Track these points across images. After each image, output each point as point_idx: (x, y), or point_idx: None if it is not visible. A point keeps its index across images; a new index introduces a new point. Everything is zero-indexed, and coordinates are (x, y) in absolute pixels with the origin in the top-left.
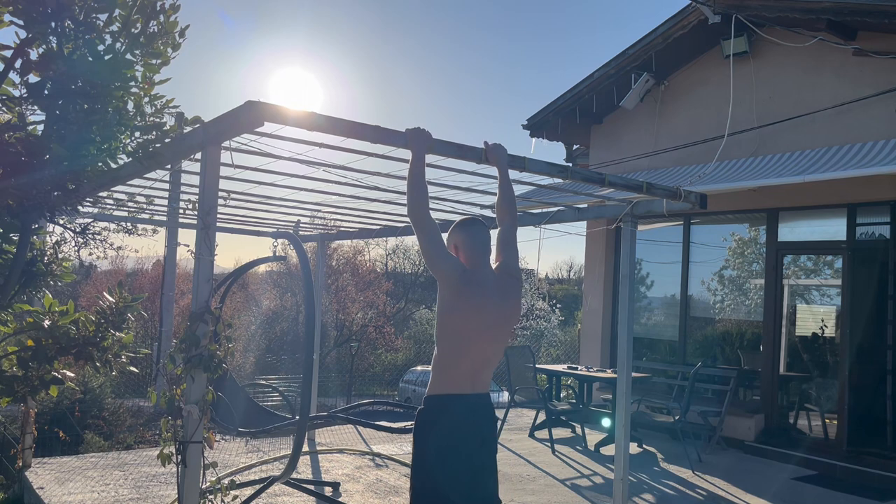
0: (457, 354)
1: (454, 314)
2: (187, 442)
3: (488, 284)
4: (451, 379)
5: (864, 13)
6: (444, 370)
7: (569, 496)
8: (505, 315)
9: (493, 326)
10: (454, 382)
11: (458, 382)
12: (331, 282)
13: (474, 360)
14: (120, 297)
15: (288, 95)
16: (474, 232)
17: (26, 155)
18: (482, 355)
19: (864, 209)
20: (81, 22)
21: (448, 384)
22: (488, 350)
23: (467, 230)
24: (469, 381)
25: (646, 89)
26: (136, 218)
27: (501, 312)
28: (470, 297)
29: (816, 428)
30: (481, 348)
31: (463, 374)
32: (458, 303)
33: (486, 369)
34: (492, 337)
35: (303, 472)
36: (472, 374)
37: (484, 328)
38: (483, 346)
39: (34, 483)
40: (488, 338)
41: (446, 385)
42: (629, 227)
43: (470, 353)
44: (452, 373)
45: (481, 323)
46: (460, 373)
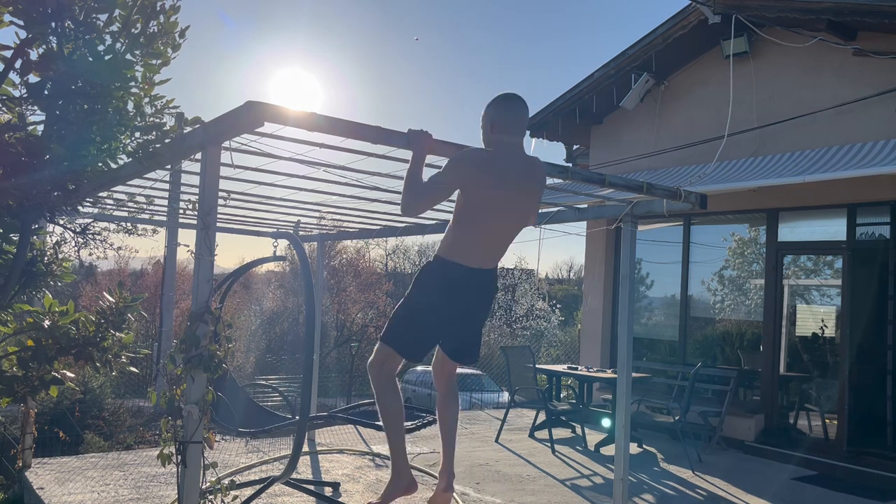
0: (470, 232)
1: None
2: (187, 442)
3: (512, 171)
4: (463, 251)
5: (864, 13)
6: (457, 241)
7: (569, 496)
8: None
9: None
10: (465, 254)
11: (468, 255)
12: (332, 282)
13: (486, 240)
14: (120, 298)
15: (288, 96)
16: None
17: (26, 155)
18: (494, 237)
19: (864, 209)
20: (81, 22)
21: (459, 254)
22: (501, 233)
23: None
24: (479, 257)
25: (646, 89)
26: (137, 218)
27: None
28: (490, 182)
29: (816, 428)
30: (495, 230)
31: (474, 251)
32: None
33: (498, 249)
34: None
35: (303, 473)
36: (484, 251)
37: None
38: (496, 229)
39: (34, 483)
40: (503, 221)
41: (457, 254)
42: (629, 227)
43: (483, 233)
44: (465, 247)
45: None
46: (472, 249)
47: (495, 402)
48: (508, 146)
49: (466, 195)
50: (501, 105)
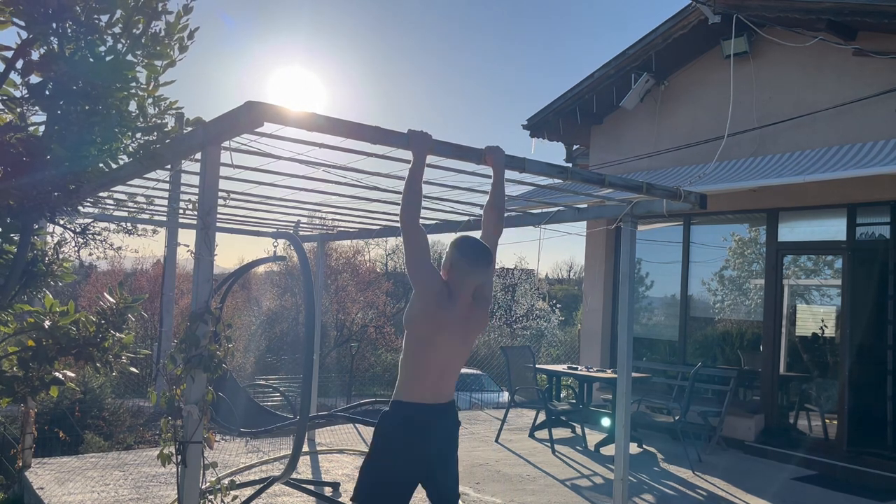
0: (422, 362)
1: (423, 324)
2: (187, 442)
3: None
4: (416, 387)
5: (864, 13)
6: (410, 377)
7: (569, 496)
8: (470, 329)
9: (458, 339)
10: (418, 391)
11: (422, 391)
12: (331, 282)
13: (438, 369)
14: (120, 298)
15: (288, 95)
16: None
17: (27, 155)
18: (446, 365)
19: (865, 209)
20: (83, 23)
21: (413, 392)
22: (452, 361)
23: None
24: (432, 391)
25: (646, 89)
26: (137, 218)
27: (467, 327)
28: (441, 314)
29: (816, 428)
30: (445, 359)
31: (427, 383)
32: (428, 315)
33: (449, 378)
34: (456, 347)
35: (303, 472)
36: (436, 383)
37: (450, 340)
38: (447, 357)
39: (34, 483)
40: (453, 349)
41: (411, 393)
42: (629, 227)
43: (434, 362)
44: (417, 381)
45: (447, 337)
46: (425, 381)
47: (495, 402)
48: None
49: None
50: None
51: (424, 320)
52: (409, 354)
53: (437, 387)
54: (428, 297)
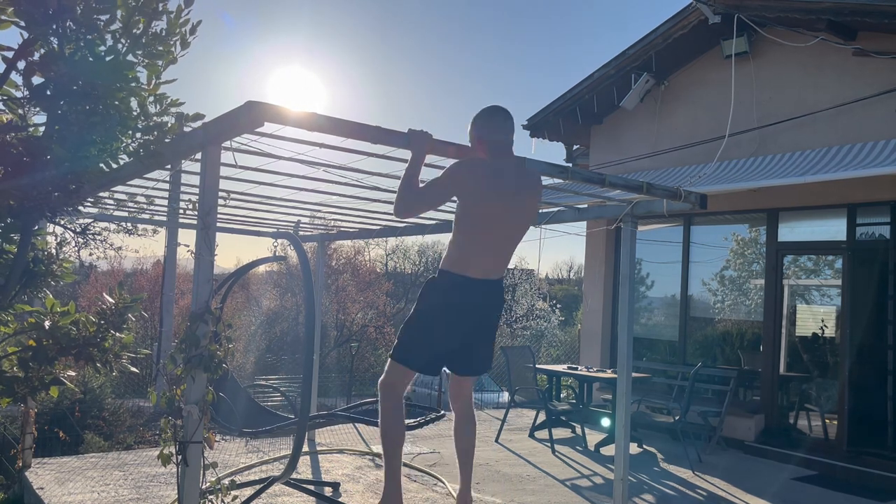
0: (473, 243)
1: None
2: (187, 442)
3: (507, 179)
4: (467, 262)
5: (865, 13)
6: (461, 253)
7: (569, 496)
8: (522, 209)
9: (510, 219)
10: (469, 266)
11: (472, 267)
12: (331, 282)
13: (490, 250)
14: (120, 298)
15: (289, 95)
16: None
17: (27, 155)
18: (498, 246)
19: (865, 209)
20: (83, 23)
21: (463, 266)
22: (504, 242)
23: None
24: (482, 268)
25: (646, 89)
26: (137, 218)
27: (519, 206)
28: (488, 194)
29: (816, 428)
30: (497, 239)
31: (478, 261)
32: (477, 201)
33: (501, 258)
34: (508, 228)
35: (303, 473)
36: (487, 261)
37: (501, 221)
38: (499, 238)
39: (34, 483)
40: (505, 230)
41: (461, 266)
42: (629, 227)
43: (486, 243)
44: (468, 258)
45: (499, 217)
46: (476, 259)
47: (495, 402)
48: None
49: (465, 206)
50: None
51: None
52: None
53: (487, 264)
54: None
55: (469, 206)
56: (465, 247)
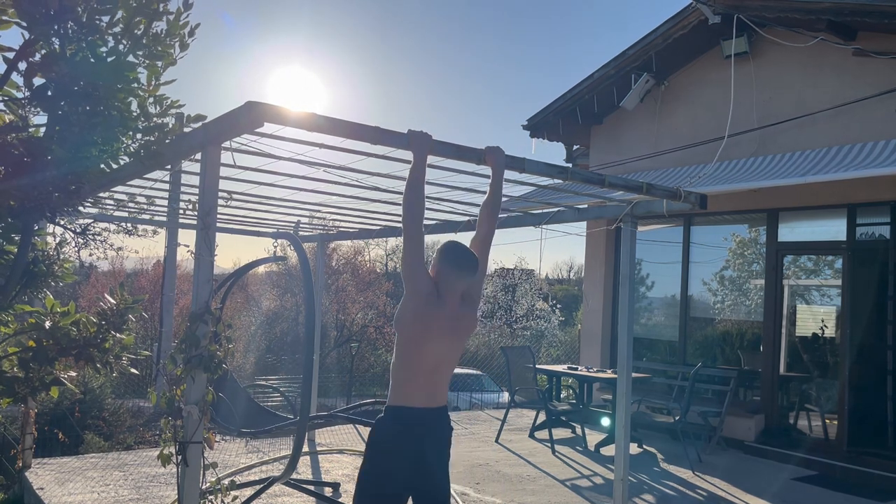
0: (413, 364)
1: (413, 324)
2: (187, 442)
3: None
4: (408, 390)
5: (864, 13)
6: (402, 380)
7: (569, 496)
8: (460, 332)
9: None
10: (411, 394)
11: (414, 394)
12: (331, 282)
13: (430, 370)
14: (121, 299)
15: (289, 95)
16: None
17: (28, 156)
18: (438, 367)
19: (865, 209)
20: (84, 24)
21: (405, 396)
22: (443, 362)
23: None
24: (424, 394)
25: (646, 89)
26: (137, 218)
27: (457, 329)
28: (431, 313)
29: (816, 428)
30: (437, 360)
31: (419, 385)
32: (418, 315)
33: (441, 382)
34: (446, 351)
35: (303, 473)
36: (428, 385)
37: (440, 342)
38: (438, 358)
39: (34, 483)
40: (443, 350)
41: (403, 396)
42: (629, 227)
43: (426, 363)
44: (409, 383)
45: (438, 337)
46: (417, 384)
47: (495, 403)
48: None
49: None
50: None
51: (414, 320)
52: (401, 357)
53: (430, 389)
54: (418, 297)
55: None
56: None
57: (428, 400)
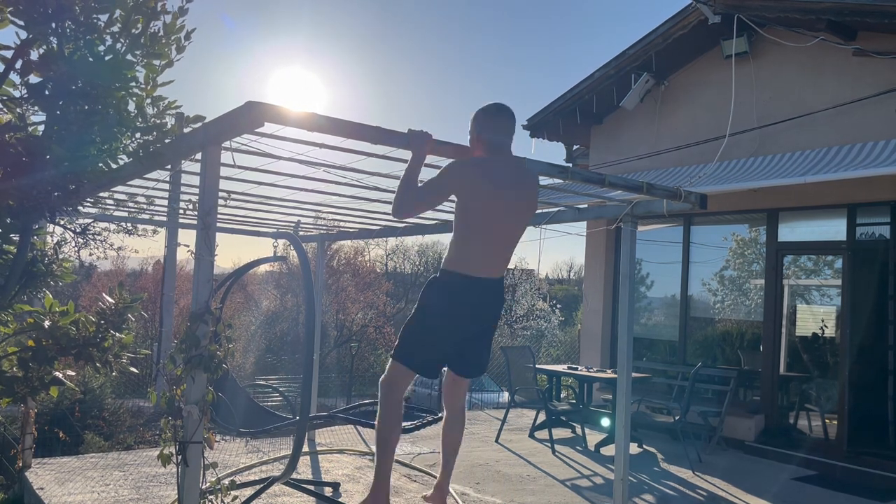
0: (473, 242)
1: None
2: (187, 442)
3: (505, 177)
4: (468, 261)
5: (865, 13)
6: (461, 251)
7: (569, 496)
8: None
9: (508, 217)
10: (470, 265)
11: (473, 265)
12: (331, 282)
13: (490, 248)
14: (120, 298)
15: (289, 95)
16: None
17: (27, 155)
18: (498, 244)
19: (865, 209)
20: (82, 22)
21: (464, 265)
22: (504, 240)
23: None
24: (483, 267)
25: (646, 89)
26: (137, 218)
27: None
28: (486, 193)
29: (817, 428)
30: (497, 238)
31: (478, 260)
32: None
33: (501, 256)
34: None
35: (303, 473)
36: (487, 260)
37: (500, 219)
38: (498, 236)
39: (34, 483)
40: (503, 228)
41: (462, 264)
42: (629, 227)
43: (486, 242)
44: (469, 256)
45: (497, 215)
46: (476, 258)
47: (495, 402)
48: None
49: (464, 203)
50: (490, 115)
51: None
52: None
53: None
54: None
55: (467, 204)
56: (465, 245)
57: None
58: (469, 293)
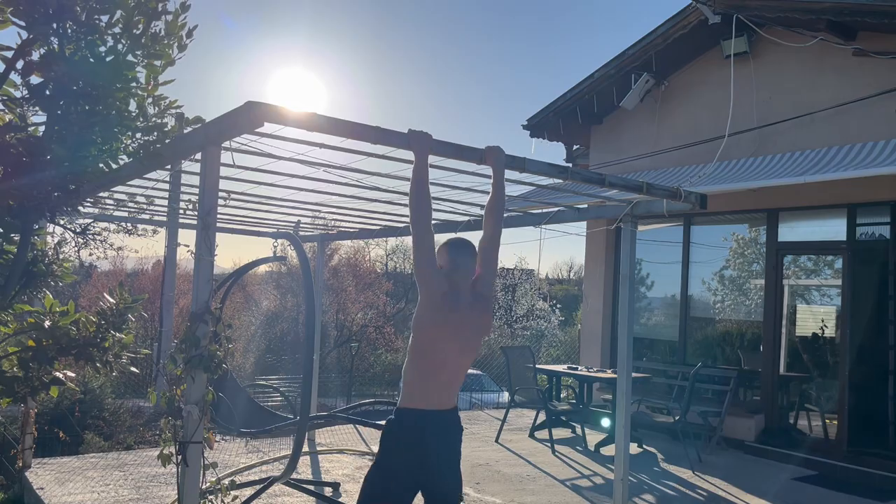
0: (428, 368)
1: (430, 329)
2: (187, 442)
3: (464, 305)
4: (422, 393)
5: (864, 13)
6: (415, 384)
7: (569, 496)
8: (475, 333)
9: (464, 344)
10: (423, 397)
11: (426, 397)
12: (331, 282)
13: (444, 374)
14: (120, 298)
15: (289, 95)
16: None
17: (27, 155)
18: (452, 371)
19: (864, 209)
20: (83, 23)
21: (417, 399)
22: (457, 366)
23: (456, 255)
24: (437, 397)
25: (646, 89)
26: (137, 218)
27: (473, 331)
28: (447, 315)
29: (817, 428)
30: (451, 364)
31: (432, 389)
32: (435, 318)
33: (454, 384)
34: (461, 354)
35: (303, 473)
36: (441, 389)
37: (455, 345)
38: (453, 362)
39: (34, 483)
40: (458, 354)
41: (415, 399)
42: (629, 227)
43: (440, 367)
44: (423, 387)
45: (454, 341)
46: (430, 387)
47: (495, 402)
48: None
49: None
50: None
51: (432, 323)
52: (414, 359)
53: (442, 393)
54: (434, 297)
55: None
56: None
57: (440, 402)
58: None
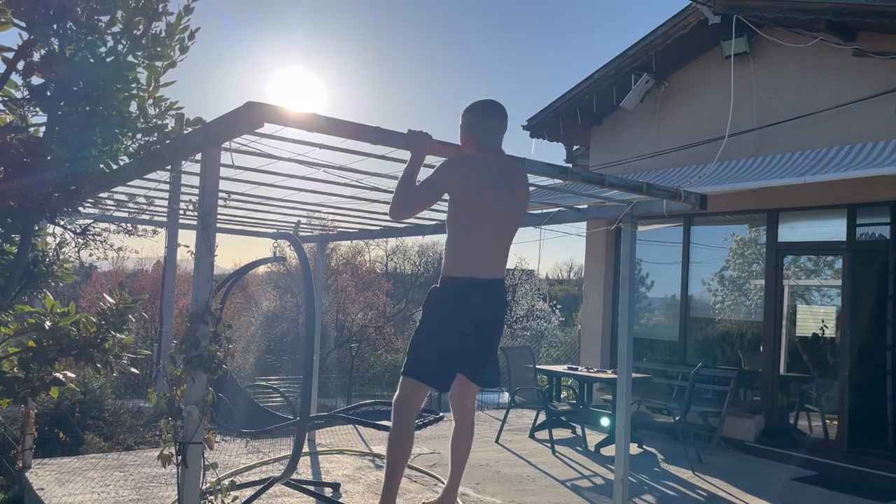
0: (469, 242)
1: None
2: (187, 443)
3: (497, 175)
4: (466, 262)
5: (864, 14)
6: (459, 253)
7: (569, 497)
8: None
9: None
10: (469, 266)
11: (472, 266)
12: (330, 282)
13: (488, 246)
14: (121, 299)
15: (289, 96)
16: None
17: (28, 156)
18: (493, 242)
19: (865, 210)
20: (83, 24)
21: (463, 267)
22: (499, 238)
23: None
24: (483, 266)
25: (646, 90)
26: (137, 219)
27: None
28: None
29: (817, 428)
30: (492, 236)
31: (477, 259)
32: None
33: (499, 255)
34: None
35: (303, 473)
36: (486, 258)
37: (494, 217)
38: (493, 234)
39: (34, 484)
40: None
41: (461, 267)
42: (629, 227)
43: (482, 240)
44: (467, 257)
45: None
46: (475, 257)
47: (495, 403)
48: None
49: (457, 204)
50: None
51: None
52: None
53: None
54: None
55: (461, 203)
56: (461, 245)
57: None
58: (471, 296)
